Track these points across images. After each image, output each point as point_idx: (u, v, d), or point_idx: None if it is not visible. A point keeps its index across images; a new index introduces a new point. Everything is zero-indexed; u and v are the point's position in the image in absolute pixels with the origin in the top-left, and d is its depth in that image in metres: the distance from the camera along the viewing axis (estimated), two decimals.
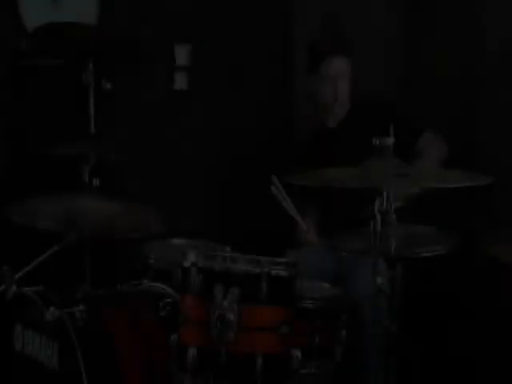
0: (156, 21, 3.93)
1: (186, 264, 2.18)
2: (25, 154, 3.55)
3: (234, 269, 2.15)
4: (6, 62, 3.68)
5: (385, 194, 2.20)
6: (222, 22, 4.09)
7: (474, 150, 3.57)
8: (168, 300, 2.49)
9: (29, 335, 2.48)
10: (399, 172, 2.22)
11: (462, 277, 3.50)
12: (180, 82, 4.04)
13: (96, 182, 2.63)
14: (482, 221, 3.50)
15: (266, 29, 4.20)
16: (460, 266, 3.43)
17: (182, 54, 4.02)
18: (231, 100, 4.15)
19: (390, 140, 2.25)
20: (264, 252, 2.29)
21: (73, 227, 2.50)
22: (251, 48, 4.16)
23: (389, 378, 2.32)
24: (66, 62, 3.06)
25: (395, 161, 2.26)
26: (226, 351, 2.10)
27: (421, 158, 3.07)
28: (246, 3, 4.14)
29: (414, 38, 3.89)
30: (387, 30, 3.95)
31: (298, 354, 2.20)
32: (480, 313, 3.29)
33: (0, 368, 2.60)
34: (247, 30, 4.15)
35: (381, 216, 2.20)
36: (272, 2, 4.21)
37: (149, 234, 2.83)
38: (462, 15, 3.65)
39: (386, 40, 3.95)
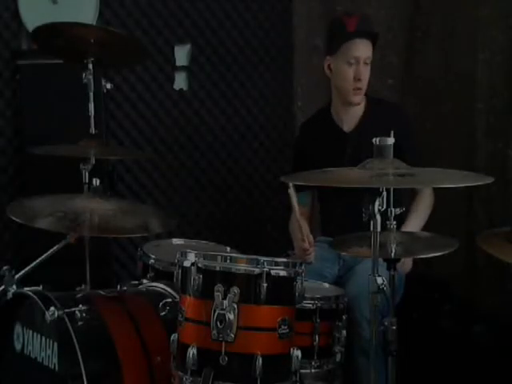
0: (156, 21, 3.93)
1: (186, 264, 2.18)
2: (25, 154, 3.55)
3: (233, 269, 2.15)
4: (5, 62, 3.68)
5: (384, 194, 2.19)
6: (222, 22, 4.09)
7: (475, 150, 3.57)
8: (168, 300, 2.49)
9: (29, 335, 2.47)
10: (399, 172, 2.21)
11: (462, 277, 3.50)
12: (180, 81, 4.03)
13: (96, 182, 2.62)
14: (482, 221, 3.50)
15: (266, 29, 4.20)
16: (460, 265, 3.44)
17: (181, 54, 4.02)
18: (231, 100, 4.15)
19: (391, 140, 2.24)
20: (264, 252, 2.29)
21: (72, 227, 2.50)
22: (251, 48, 4.16)
23: (388, 378, 2.32)
24: (66, 61, 3.06)
25: (395, 161, 2.25)
26: (225, 351, 2.10)
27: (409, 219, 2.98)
28: (246, 3, 4.15)
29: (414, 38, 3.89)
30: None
31: (298, 353, 2.19)
32: (481, 312, 3.28)
33: (0, 368, 2.59)
34: (247, 30, 4.15)
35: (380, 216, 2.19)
36: (272, 3, 4.21)
37: (149, 234, 2.84)
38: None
39: (386, 40, 3.95)
